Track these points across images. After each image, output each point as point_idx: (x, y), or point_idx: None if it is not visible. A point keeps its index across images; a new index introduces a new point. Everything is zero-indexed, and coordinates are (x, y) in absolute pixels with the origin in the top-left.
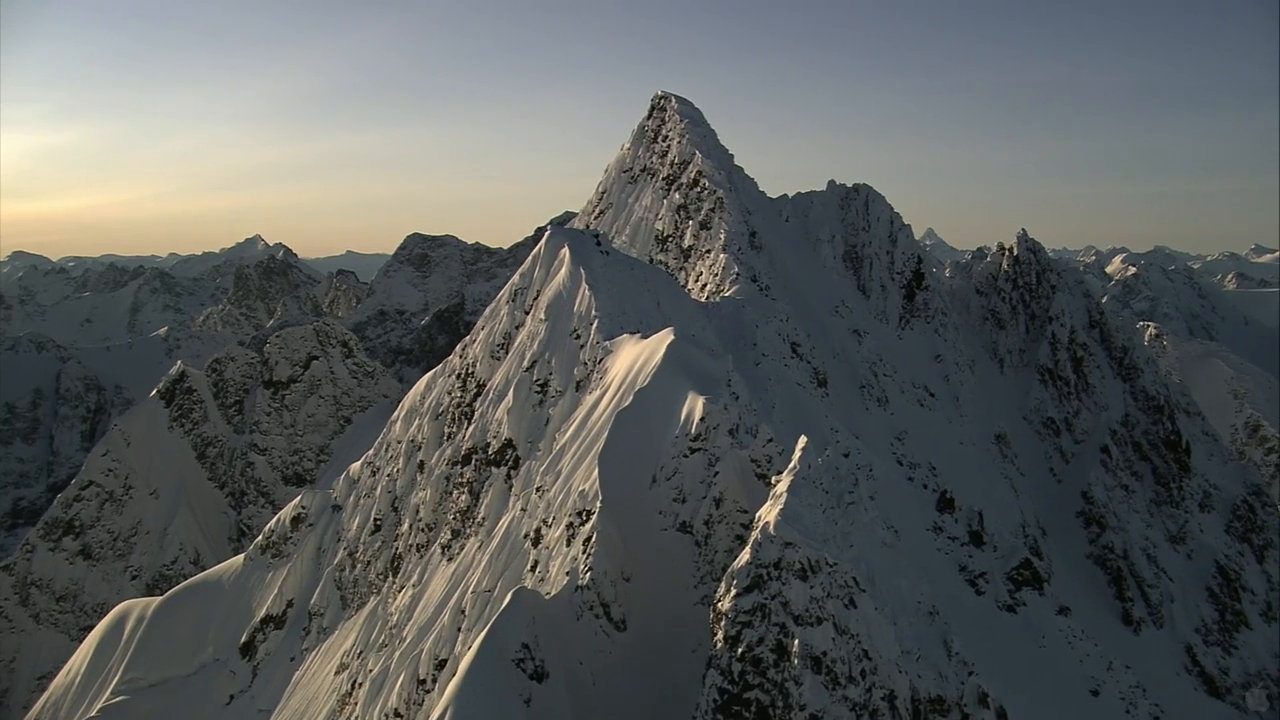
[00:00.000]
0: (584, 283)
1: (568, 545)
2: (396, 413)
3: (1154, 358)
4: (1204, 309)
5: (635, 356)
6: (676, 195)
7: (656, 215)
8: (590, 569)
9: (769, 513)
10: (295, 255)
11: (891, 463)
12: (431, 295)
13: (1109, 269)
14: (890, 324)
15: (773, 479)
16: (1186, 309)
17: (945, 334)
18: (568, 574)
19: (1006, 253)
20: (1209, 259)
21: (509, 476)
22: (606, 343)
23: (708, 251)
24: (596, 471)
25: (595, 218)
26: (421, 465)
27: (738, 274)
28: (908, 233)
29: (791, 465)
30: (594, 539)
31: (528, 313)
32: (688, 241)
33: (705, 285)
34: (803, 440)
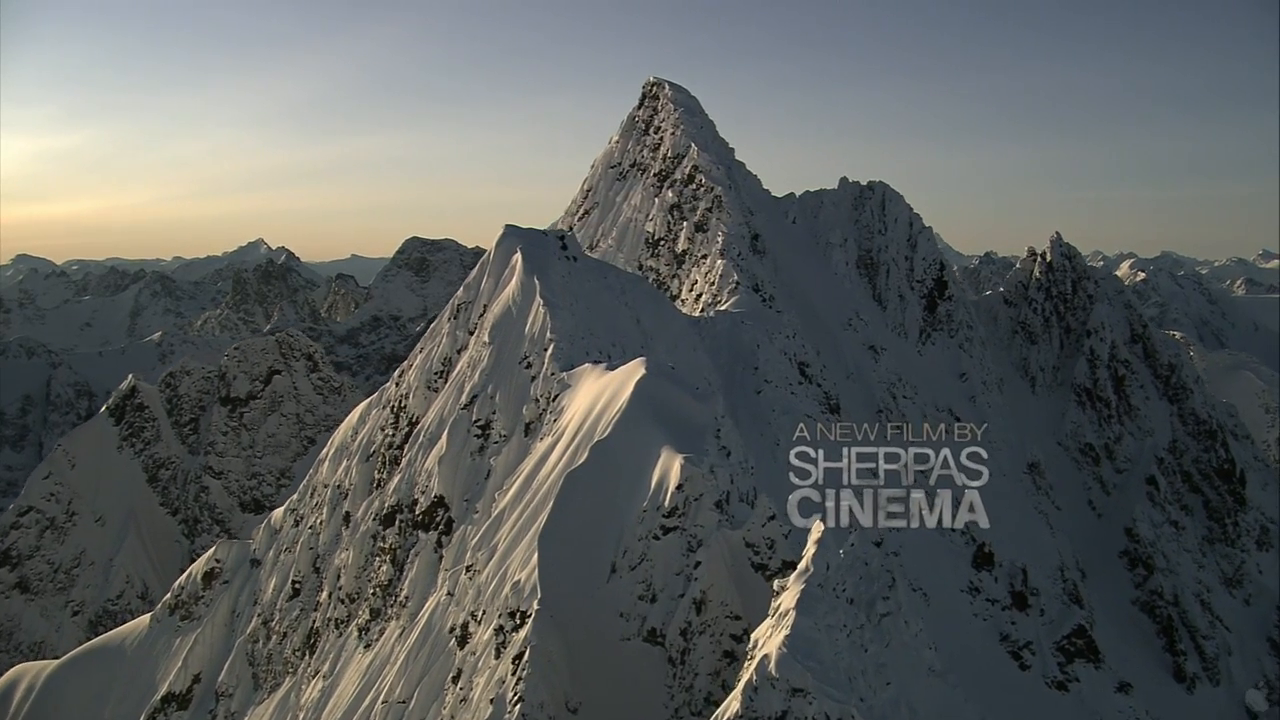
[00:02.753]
0: (538, 296)
1: (496, 656)
2: (326, 449)
3: (1201, 376)
4: (1214, 315)
5: (597, 395)
6: (669, 193)
7: (647, 216)
8: (520, 699)
9: (771, 639)
10: (297, 259)
11: None
12: (430, 300)
13: (1117, 274)
14: (910, 338)
15: (775, 584)
16: (1197, 315)
17: (971, 349)
18: (492, 702)
19: (1039, 259)
20: (1216, 264)
21: (439, 544)
22: (564, 374)
23: (704, 257)
24: (536, 557)
25: (579, 219)
26: (347, 518)
27: (737, 282)
28: (928, 235)
29: (803, 567)
30: (527, 656)
31: (472, 333)
32: (681, 245)
33: (701, 295)
34: (818, 528)
